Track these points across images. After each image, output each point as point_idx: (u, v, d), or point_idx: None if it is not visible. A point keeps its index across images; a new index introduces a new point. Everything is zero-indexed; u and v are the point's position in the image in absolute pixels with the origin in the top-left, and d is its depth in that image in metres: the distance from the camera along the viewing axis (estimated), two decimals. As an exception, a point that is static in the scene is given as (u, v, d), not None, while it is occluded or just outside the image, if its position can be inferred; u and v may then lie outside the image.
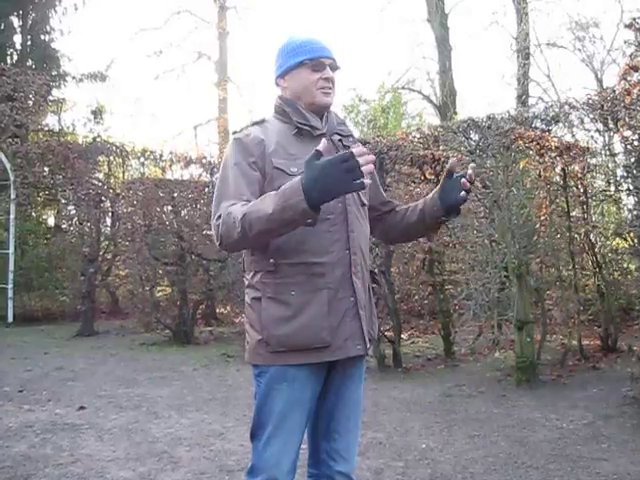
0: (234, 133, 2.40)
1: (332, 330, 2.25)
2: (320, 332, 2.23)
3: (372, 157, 2.02)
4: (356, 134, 2.54)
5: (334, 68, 2.43)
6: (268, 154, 2.28)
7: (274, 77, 2.48)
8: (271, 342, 2.24)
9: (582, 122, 7.47)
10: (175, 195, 9.77)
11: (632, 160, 6.13)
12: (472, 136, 7.20)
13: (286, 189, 2.04)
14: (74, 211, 11.89)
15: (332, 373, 2.36)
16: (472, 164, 2.46)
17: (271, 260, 2.25)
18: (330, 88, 2.41)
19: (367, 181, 1.99)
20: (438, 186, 2.46)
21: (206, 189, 9.98)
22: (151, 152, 11.96)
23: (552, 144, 6.86)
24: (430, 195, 2.49)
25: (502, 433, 4.71)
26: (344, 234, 2.31)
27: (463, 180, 2.34)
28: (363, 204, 2.46)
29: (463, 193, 2.34)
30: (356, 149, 1.99)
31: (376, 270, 6.42)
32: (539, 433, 4.69)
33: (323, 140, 2.07)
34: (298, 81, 2.40)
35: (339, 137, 2.45)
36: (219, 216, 2.20)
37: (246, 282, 2.38)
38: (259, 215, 2.06)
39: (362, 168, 1.96)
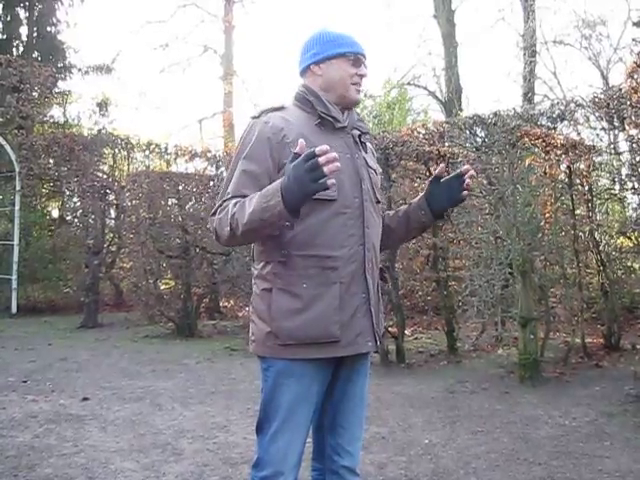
0: (253, 118, 2.35)
1: (343, 325, 2.23)
2: (330, 326, 2.21)
3: (334, 155, 1.92)
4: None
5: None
6: (286, 144, 2.22)
7: (305, 64, 2.42)
8: (280, 334, 2.21)
9: (588, 120, 7.44)
10: (180, 188, 9.80)
11: (637, 159, 6.14)
12: (478, 133, 7.19)
13: (268, 190, 2.04)
14: (79, 203, 11.92)
15: (340, 368, 2.35)
16: (466, 166, 2.47)
17: (283, 251, 2.21)
18: (361, 86, 2.42)
19: (331, 181, 1.94)
20: (424, 192, 2.52)
21: (211, 182, 10.01)
22: (156, 145, 11.98)
23: (558, 142, 6.85)
24: (415, 201, 2.54)
25: (505, 429, 4.71)
26: (360, 229, 2.30)
27: (467, 181, 2.43)
28: (378, 201, 2.45)
29: (465, 192, 2.44)
30: (319, 147, 1.91)
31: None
32: (542, 430, 4.69)
33: (300, 141, 1.99)
34: (336, 71, 2.37)
35: (359, 133, 2.44)
36: (214, 212, 2.24)
37: (255, 272, 2.34)
38: (243, 215, 2.08)
39: (325, 168, 1.91)
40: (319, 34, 2.42)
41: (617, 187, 7.86)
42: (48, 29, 17.21)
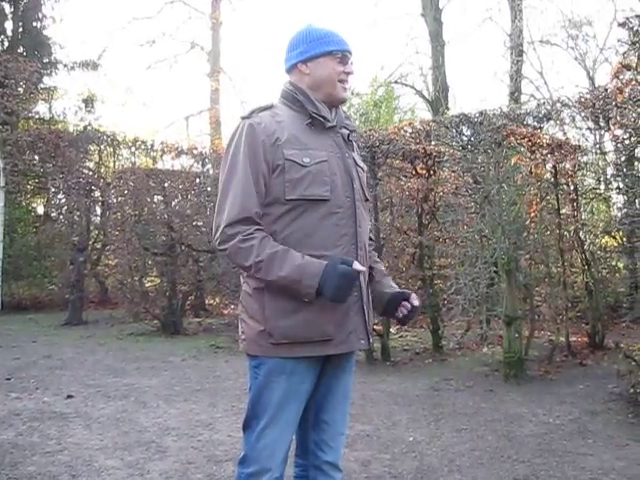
0: (243, 118, 2.32)
1: (337, 323, 2.25)
2: (325, 325, 2.23)
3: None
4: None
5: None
6: (279, 145, 2.23)
7: (291, 62, 2.41)
8: (274, 333, 2.21)
9: (573, 120, 7.50)
10: (166, 185, 9.76)
11: (622, 159, 6.18)
12: (464, 131, 7.21)
13: (305, 269, 2.14)
14: (64, 200, 11.85)
15: (326, 365, 2.35)
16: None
17: None
18: (348, 83, 2.42)
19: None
20: (389, 293, 2.47)
21: (197, 180, 10.00)
22: (142, 142, 11.96)
23: (543, 141, 6.88)
24: (385, 286, 2.51)
25: (489, 427, 4.73)
26: (352, 228, 2.31)
27: (402, 309, 2.42)
28: (367, 199, 2.46)
29: (400, 315, 2.43)
30: (360, 268, 2.20)
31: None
32: (526, 428, 4.71)
33: (357, 266, 2.18)
34: (323, 70, 2.36)
35: (347, 131, 2.44)
36: (224, 230, 2.19)
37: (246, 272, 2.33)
38: (271, 271, 2.15)
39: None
40: (305, 32, 2.41)
41: (602, 187, 7.91)
42: (34, 24, 17.13)
